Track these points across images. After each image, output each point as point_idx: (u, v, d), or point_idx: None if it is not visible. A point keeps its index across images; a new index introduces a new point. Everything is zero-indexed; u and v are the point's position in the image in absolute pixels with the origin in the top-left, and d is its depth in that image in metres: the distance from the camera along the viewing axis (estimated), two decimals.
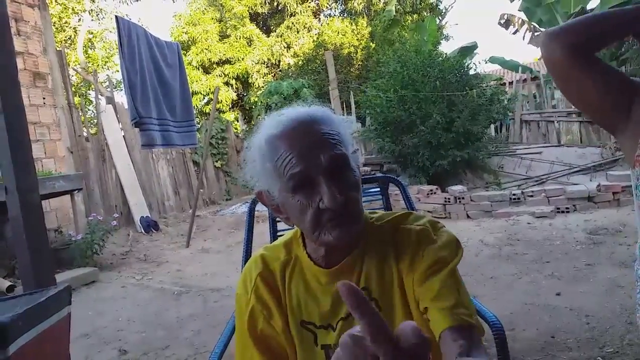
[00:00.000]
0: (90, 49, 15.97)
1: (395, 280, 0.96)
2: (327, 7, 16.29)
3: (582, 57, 1.13)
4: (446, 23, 17.45)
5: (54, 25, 12.68)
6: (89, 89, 14.28)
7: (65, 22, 14.83)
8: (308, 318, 0.98)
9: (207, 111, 13.96)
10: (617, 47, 8.88)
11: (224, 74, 14.49)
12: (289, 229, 1.10)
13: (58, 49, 7.05)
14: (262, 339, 0.99)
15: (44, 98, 6.03)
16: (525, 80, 11.92)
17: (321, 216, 0.86)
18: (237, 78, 14.67)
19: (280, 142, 0.87)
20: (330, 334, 0.97)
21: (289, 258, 1.02)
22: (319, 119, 0.90)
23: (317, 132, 0.87)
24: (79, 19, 15.05)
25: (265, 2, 15.20)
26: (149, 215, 7.76)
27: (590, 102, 1.21)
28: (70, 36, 14.91)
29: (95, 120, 8.51)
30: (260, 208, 2.09)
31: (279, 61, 14.91)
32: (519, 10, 10.40)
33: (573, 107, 5.76)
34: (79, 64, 13.00)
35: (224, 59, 14.49)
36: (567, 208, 6.16)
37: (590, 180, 7.23)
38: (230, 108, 14.66)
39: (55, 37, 11.00)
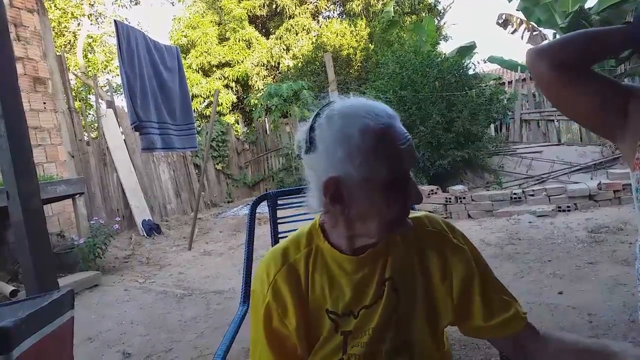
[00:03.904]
0: (90, 53, 16.01)
1: (419, 278, 1.03)
2: (325, 9, 16.28)
3: (572, 74, 1.12)
4: (445, 23, 17.43)
5: (54, 30, 12.71)
6: (90, 93, 14.33)
7: (65, 27, 14.87)
8: (332, 307, 1.00)
9: (207, 114, 13.96)
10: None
11: (223, 76, 14.50)
12: (290, 231, 1.11)
13: (58, 53, 7.07)
14: (275, 335, 1.02)
15: (44, 103, 6.04)
16: (524, 79, 11.91)
17: (405, 211, 0.95)
18: (236, 81, 14.68)
19: (381, 138, 0.89)
20: (351, 321, 1.00)
21: (310, 249, 1.04)
22: (395, 116, 0.96)
23: (405, 132, 0.93)
24: (78, 24, 15.09)
25: (264, 4, 15.21)
26: (151, 219, 7.78)
27: (585, 115, 1.21)
28: (70, 41, 14.94)
29: (96, 125, 8.53)
30: (261, 210, 2.09)
31: (279, 63, 14.92)
32: (517, 9, 10.40)
33: None
34: (78, 69, 13.03)
35: (223, 61, 14.49)
36: (568, 207, 6.16)
37: (591, 179, 7.23)
38: (230, 111, 14.66)
39: (55, 41, 11.03)
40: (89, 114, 12.58)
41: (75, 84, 13.40)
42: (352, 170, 0.89)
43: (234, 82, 14.65)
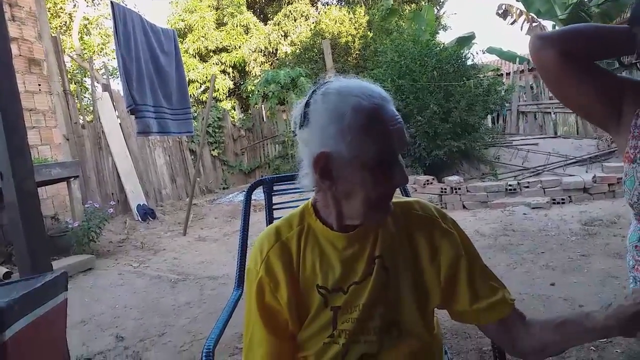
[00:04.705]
0: (86, 35, 15.84)
1: (408, 258, 1.04)
2: None
3: (575, 64, 1.12)
4: (444, 13, 17.37)
5: (49, 11, 12.57)
6: (85, 76, 14.19)
7: (60, 8, 14.71)
8: (322, 282, 1.02)
9: (203, 99, 13.90)
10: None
11: (220, 62, 14.40)
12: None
13: (53, 35, 7.00)
14: (267, 310, 1.04)
15: (39, 84, 5.99)
16: (522, 71, 11.88)
17: (389, 192, 0.98)
18: (234, 66, 14.59)
19: (372, 118, 0.92)
20: (340, 296, 1.02)
21: (303, 227, 1.06)
22: (389, 99, 0.98)
23: (396, 115, 0.96)
24: (74, 5, 14.92)
25: None
26: (146, 203, 7.76)
27: (583, 105, 1.22)
28: (66, 22, 14.79)
29: (92, 108, 8.47)
30: (257, 197, 2.09)
31: (276, 50, 14.83)
32: (517, 0, 10.35)
33: None
34: (74, 51, 12.90)
35: (220, 47, 14.39)
36: (562, 199, 6.19)
37: (586, 172, 7.26)
38: (227, 97, 14.59)
39: (50, 23, 10.90)
40: (85, 97, 12.48)
41: (71, 66, 13.28)
42: (342, 147, 0.91)
43: (231, 68, 14.57)
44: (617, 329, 0.89)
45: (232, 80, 14.66)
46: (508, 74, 12.05)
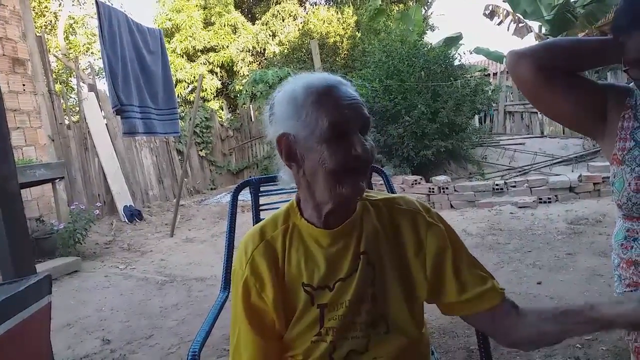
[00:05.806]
0: (72, 35, 15.66)
1: (394, 253, 1.04)
2: None
3: (552, 78, 1.14)
4: (432, 13, 17.44)
5: (34, 10, 12.40)
6: (71, 76, 14.03)
7: (45, 7, 14.52)
8: (308, 280, 1.02)
9: (191, 100, 13.81)
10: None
11: (208, 62, 14.33)
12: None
13: (38, 34, 6.91)
14: (253, 310, 1.03)
15: (23, 85, 5.91)
16: (509, 71, 11.98)
17: (349, 162, 0.93)
18: (221, 66, 14.52)
19: (323, 94, 0.95)
20: (326, 294, 1.02)
21: (287, 225, 1.07)
22: (348, 84, 1.00)
23: (352, 94, 0.97)
24: (60, 4, 14.74)
25: None
26: (133, 205, 7.70)
27: (565, 116, 1.24)
28: (51, 21, 14.60)
29: (77, 108, 8.38)
30: (243, 198, 2.07)
31: (264, 49, 14.78)
32: (503, 1, 10.42)
33: None
34: (59, 50, 12.74)
35: (208, 46, 14.31)
36: (549, 198, 6.25)
37: (572, 171, 7.33)
38: (214, 97, 14.51)
39: (35, 22, 10.77)
40: (70, 97, 12.34)
41: (56, 66, 13.11)
42: (299, 127, 0.95)
43: (218, 68, 14.50)
44: (628, 325, 0.89)
45: (219, 80, 14.59)
46: (495, 74, 12.15)
